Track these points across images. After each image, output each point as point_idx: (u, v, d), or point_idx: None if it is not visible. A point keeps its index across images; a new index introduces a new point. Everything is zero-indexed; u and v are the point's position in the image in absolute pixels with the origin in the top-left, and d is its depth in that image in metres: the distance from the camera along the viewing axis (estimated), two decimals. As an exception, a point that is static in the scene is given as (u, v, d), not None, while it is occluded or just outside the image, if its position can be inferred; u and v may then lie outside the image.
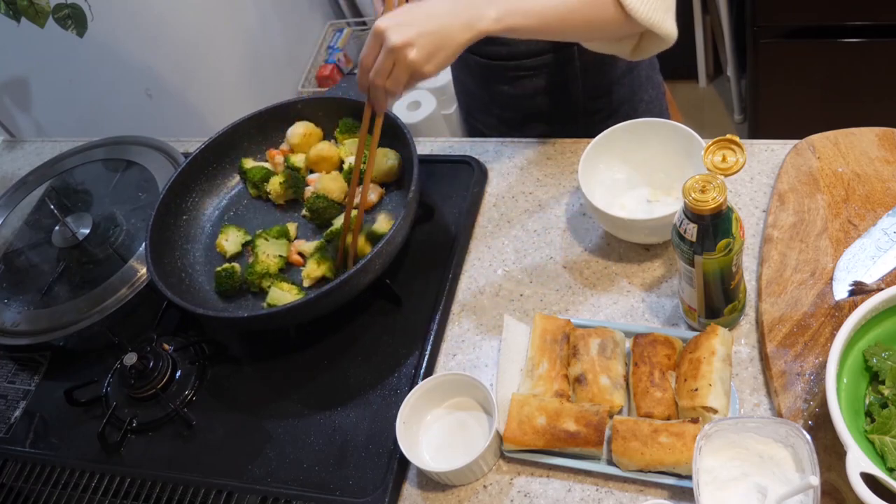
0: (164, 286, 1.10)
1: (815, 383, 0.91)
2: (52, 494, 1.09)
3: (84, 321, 1.20)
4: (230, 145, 1.31)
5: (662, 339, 0.97)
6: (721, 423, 0.83)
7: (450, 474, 0.94)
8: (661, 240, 1.10)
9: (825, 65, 2.08)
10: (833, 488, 0.83)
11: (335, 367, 1.12)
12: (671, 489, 0.90)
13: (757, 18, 2.04)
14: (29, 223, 1.42)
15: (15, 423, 1.19)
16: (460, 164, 1.30)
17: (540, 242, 1.17)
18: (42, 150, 1.66)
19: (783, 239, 1.05)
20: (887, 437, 0.81)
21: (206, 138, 1.30)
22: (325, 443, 1.04)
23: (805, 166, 1.11)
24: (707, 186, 0.84)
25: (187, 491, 1.04)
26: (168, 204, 1.23)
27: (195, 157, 1.27)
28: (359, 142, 1.12)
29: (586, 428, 0.92)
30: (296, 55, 2.83)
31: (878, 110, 2.10)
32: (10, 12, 1.55)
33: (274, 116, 1.31)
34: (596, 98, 1.34)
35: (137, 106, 2.17)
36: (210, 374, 1.16)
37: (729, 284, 0.93)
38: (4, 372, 1.26)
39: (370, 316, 1.15)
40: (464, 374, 0.99)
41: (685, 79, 2.77)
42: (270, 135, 1.32)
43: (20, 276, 1.34)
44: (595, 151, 1.12)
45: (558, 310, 1.09)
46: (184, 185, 1.27)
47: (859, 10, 1.95)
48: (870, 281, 0.97)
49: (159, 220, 1.20)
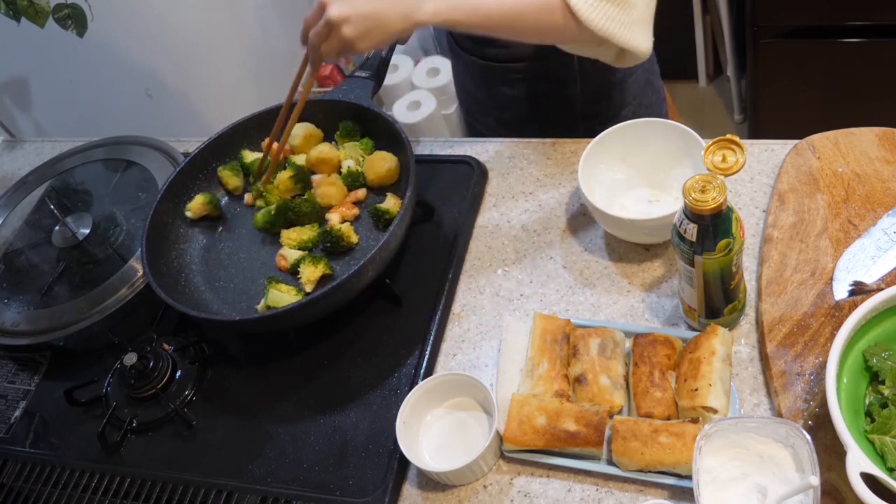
0: (159, 287, 1.10)
1: (815, 383, 0.91)
2: (52, 494, 1.09)
3: (84, 321, 1.20)
4: (229, 146, 1.31)
5: (662, 339, 0.97)
6: (721, 423, 0.83)
7: (450, 474, 0.94)
8: (661, 240, 1.10)
9: (825, 65, 2.08)
10: (833, 488, 0.83)
11: (335, 367, 1.12)
12: (671, 489, 0.90)
13: (757, 18, 2.04)
14: (29, 223, 1.41)
15: (15, 423, 1.19)
16: (460, 164, 1.30)
17: (540, 242, 1.17)
18: (42, 150, 1.66)
19: (783, 239, 1.05)
20: (887, 437, 0.81)
21: (205, 138, 1.30)
22: (325, 443, 1.04)
23: (805, 166, 1.11)
24: (707, 186, 0.84)
25: (187, 491, 1.04)
26: (165, 204, 1.23)
27: (193, 158, 1.28)
28: (294, 83, 1.15)
29: (586, 428, 0.92)
30: (296, 55, 2.82)
31: (878, 110, 2.10)
32: (10, 12, 1.55)
33: (273, 117, 1.31)
34: (594, 102, 1.34)
35: (137, 106, 2.17)
36: (210, 374, 1.16)
37: (729, 284, 0.93)
38: (4, 372, 1.26)
39: (370, 316, 1.15)
40: (464, 374, 0.99)
41: (685, 79, 2.77)
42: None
43: (20, 276, 1.34)
44: (595, 151, 1.12)
45: (558, 310, 1.09)
46: (182, 185, 1.27)
47: (859, 10, 1.95)
48: (870, 281, 0.97)
49: (156, 220, 1.21)
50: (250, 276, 1.20)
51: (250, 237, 1.25)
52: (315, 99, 1.31)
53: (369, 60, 1.30)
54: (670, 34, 2.11)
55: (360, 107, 1.25)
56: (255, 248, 1.24)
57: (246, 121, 1.30)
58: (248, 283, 1.19)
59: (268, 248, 1.23)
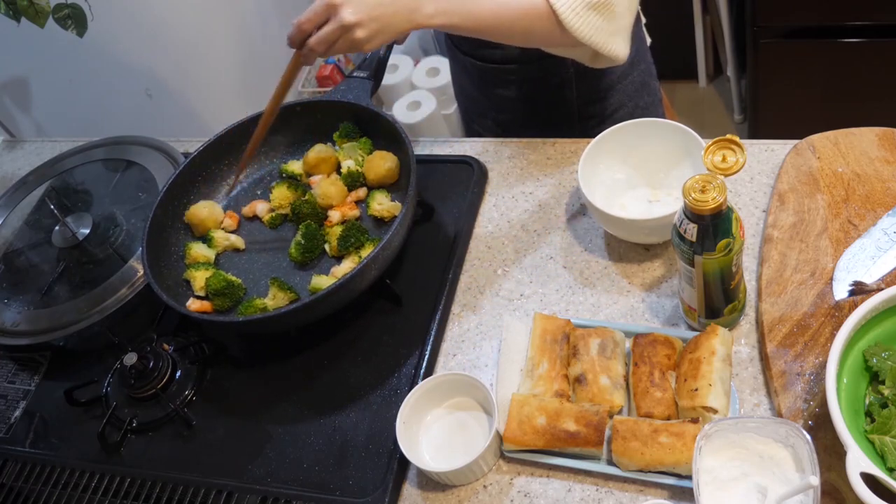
0: (160, 289, 1.10)
1: (815, 383, 0.91)
2: (52, 494, 1.09)
3: (84, 321, 1.20)
4: (227, 149, 1.29)
5: (662, 339, 0.97)
6: (721, 423, 0.83)
7: (450, 474, 0.94)
8: (661, 240, 1.10)
9: (825, 65, 2.08)
10: (833, 488, 0.83)
11: (335, 367, 1.12)
12: (671, 489, 0.90)
13: (757, 18, 2.04)
14: (29, 223, 1.41)
15: (15, 423, 1.19)
16: (460, 164, 1.30)
17: (540, 242, 1.17)
18: (42, 150, 1.66)
19: (783, 239, 1.05)
20: (887, 437, 0.81)
21: (205, 138, 1.29)
22: (325, 443, 1.04)
23: (805, 166, 1.11)
24: (707, 186, 0.84)
25: (187, 491, 1.04)
26: (165, 206, 1.23)
27: (193, 160, 1.27)
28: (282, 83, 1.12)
29: (586, 428, 0.92)
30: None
31: (878, 110, 2.10)
32: (10, 12, 1.55)
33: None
34: (590, 103, 1.35)
35: (137, 106, 2.17)
36: (210, 374, 1.16)
37: (729, 284, 0.93)
38: (4, 372, 1.26)
39: (370, 316, 1.15)
40: (464, 374, 0.99)
41: (685, 79, 2.78)
42: (267, 138, 1.31)
43: (20, 276, 1.34)
44: (595, 151, 1.12)
45: (558, 310, 1.09)
46: (182, 187, 1.26)
47: (859, 10, 1.95)
48: (870, 281, 0.97)
49: (156, 223, 1.20)
50: (252, 277, 1.20)
51: (251, 237, 1.25)
52: (314, 100, 1.31)
53: (367, 60, 1.30)
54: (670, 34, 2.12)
55: (360, 106, 1.25)
56: (257, 248, 1.24)
57: (243, 124, 1.29)
58: (251, 284, 1.19)
59: (270, 251, 1.22)
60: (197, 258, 1.20)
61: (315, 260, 1.19)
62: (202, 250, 1.21)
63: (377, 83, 1.29)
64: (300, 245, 1.17)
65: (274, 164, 1.33)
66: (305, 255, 1.18)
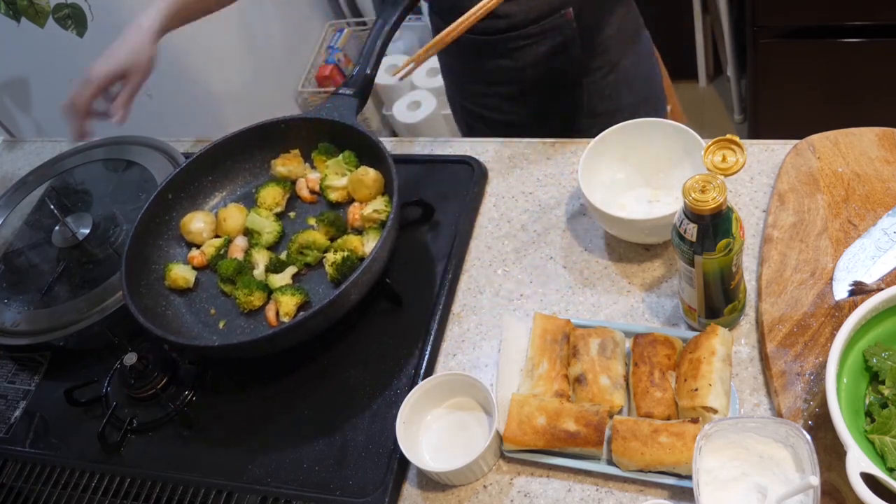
0: (137, 310, 1.09)
1: (815, 383, 0.91)
2: (52, 494, 1.09)
3: (84, 321, 1.20)
4: (212, 166, 1.28)
5: (662, 339, 0.97)
6: (721, 423, 0.83)
7: (450, 474, 0.94)
8: (661, 240, 1.10)
9: (825, 65, 2.08)
10: (833, 488, 0.83)
11: (335, 368, 1.12)
12: (671, 489, 0.90)
13: (757, 18, 2.04)
14: (29, 223, 1.41)
15: (15, 423, 1.19)
16: (460, 164, 1.30)
17: (540, 242, 1.17)
18: (42, 150, 1.66)
19: (783, 239, 1.05)
20: (887, 437, 0.81)
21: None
22: (325, 443, 1.04)
23: (805, 166, 1.11)
24: (707, 186, 0.84)
25: (187, 491, 1.04)
26: (147, 223, 1.21)
27: (176, 175, 1.25)
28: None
29: (586, 428, 0.92)
30: (296, 55, 2.83)
31: (878, 110, 2.10)
32: (10, 12, 1.55)
33: (256, 135, 1.28)
34: (594, 56, 1.35)
35: (137, 106, 2.16)
36: (210, 373, 1.16)
37: (729, 284, 0.93)
38: (4, 372, 1.26)
39: (370, 316, 1.15)
40: (464, 374, 0.99)
41: (685, 79, 2.77)
42: (254, 153, 1.30)
43: (20, 276, 1.34)
44: (595, 151, 1.12)
45: (558, 310, 1.09)
46: (165, 204, 1.25)
47: (859, 10, 1.95)
48: (870, 281, 0.97)
49: (137, 240, 1.19)
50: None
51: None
52: (297, 117, 1.29)
53: (354, 77, 1.27)
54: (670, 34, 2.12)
55: (344, 125, 1.23)
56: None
57: (227, 139, 1.27)
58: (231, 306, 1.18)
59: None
60: (176, 281, 1.19)
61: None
62: (182, 272, 1.19)
63: (363, 101, 1.26)
64: (336, 267, 1.14)
65: (259, 180, 1.31)
66: (342, 276, 1.13)
